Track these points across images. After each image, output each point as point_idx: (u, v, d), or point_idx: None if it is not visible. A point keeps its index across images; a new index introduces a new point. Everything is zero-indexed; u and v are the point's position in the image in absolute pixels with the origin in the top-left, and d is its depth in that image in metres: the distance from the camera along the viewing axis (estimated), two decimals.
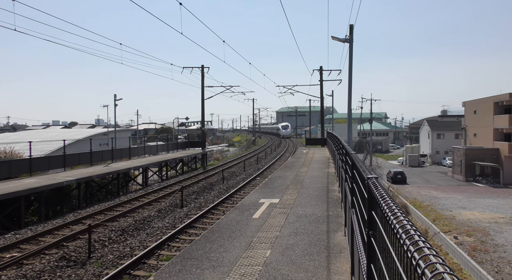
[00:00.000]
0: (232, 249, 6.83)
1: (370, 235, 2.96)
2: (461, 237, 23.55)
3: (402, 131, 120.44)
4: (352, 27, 20.22)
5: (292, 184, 14.10)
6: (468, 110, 54.89)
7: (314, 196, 11.76)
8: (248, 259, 6.28)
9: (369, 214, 3.02)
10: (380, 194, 2.52)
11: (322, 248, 6.83)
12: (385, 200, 2.29)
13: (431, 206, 32.66)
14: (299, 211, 9.72)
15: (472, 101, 53.92)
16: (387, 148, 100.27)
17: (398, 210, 1.92)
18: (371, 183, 2.94)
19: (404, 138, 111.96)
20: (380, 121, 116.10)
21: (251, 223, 8.59)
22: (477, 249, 21.43)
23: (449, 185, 44.48)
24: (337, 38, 20.60)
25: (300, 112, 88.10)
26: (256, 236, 7.56)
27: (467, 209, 31.05)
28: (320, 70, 42.32)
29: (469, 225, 26.18)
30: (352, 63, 20.28)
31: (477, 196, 37.08)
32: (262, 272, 5.73)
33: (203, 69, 39.85)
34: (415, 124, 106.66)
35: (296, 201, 11.01)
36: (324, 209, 9.87)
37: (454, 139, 65.90)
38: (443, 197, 36.84)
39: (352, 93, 20.98)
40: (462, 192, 39.14)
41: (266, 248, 6.82)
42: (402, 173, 47.73)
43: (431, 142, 70.58)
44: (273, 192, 12.58)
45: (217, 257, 6.40)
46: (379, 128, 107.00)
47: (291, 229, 8.02)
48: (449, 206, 32.25)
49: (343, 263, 6.08)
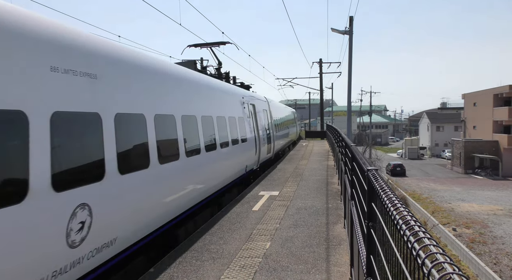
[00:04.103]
0: (232, 241, 6.86)
1: (370, 227, 2.98)
2: (460, 229, 23.69)
3: (401, 123, 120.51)
4: (352, 19, 20.09)
5: (291, 177, 14.13)
6: (467, 102, 54.84)
7: (313, 188, 11.79)
8: (248, 251, 6.31)
9: (369, 206, 3.03)
10: (380, 186, 2.53)
11: (321, 240, 6.87)
12: (385, 192, 2.30)
13: (430, 198, 32.80)
14: (298, 203, 9.75)
15: (471, 93, 53.86)
16: (387, 140, 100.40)
17: (398, 201, 1.92)
18: (371, 175, 2.94)
19: (404, 130, 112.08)
20: (379, 113, 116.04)
21: (251, 215, 8.62)
22: (475, 241, 21.57)
23: (448, 178, 44.64)
24: (336, 30, 20.48)
25: (300, 105, 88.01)
26: (256, 228, 7.59)
27: (466, 201, 31.20)
28: (319, 62, 42.18)
29: (467, 217, 26.32)
30: (352, 55, 20.19)
31: (476, 188, 37.23)
32: (262, 264, 5.76)
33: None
34: (414, 116, 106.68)
35: (296, 193, 11.04)
36: (323, 202, 9.90)
37: (453, 132, 65.98)
38: (442, 189, 36.99)
39: (351, 85, 20.91)
40: (461, 185, 39.29)
41: (266, 240, 6.85)
42: (402, 166, 47.87)
43: (431, 135, 70.65)
44: (273, 184, 12.61)
45: (217, 249, 6.43)
46: (379, 121, 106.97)
47: (290, 221, 8.05)
48: (448, 199, 32.39)
49: (342, 255, 6.12)
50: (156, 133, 6.39)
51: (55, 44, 4.30)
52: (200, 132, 8.67)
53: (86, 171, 4.59)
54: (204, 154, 8.75)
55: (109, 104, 5.18)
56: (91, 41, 5.17)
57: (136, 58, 6.34)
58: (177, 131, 7.36)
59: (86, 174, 4.58)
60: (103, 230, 4.81)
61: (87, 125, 4.70)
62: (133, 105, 5.84)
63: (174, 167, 7.03)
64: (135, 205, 5.65)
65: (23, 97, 3.73)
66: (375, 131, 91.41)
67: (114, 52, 5.67)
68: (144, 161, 5.96)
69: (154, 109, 6.47)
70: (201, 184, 8.52)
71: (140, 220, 5.83)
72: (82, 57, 4.75)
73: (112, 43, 5.90)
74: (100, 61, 5.15)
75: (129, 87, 5.83)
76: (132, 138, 5.77)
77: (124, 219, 5.36)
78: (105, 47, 5.46)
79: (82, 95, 4.62)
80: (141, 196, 5.81)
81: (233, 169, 11.42)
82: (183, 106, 7.88)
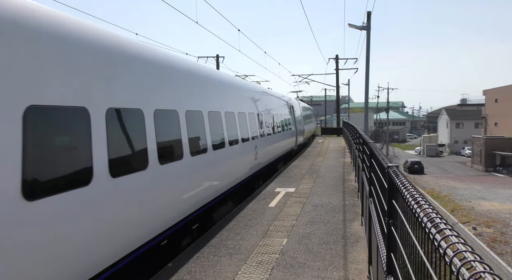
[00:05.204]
0: (248, 237, 6.88)
1: (390, 224, 2.93)
2: (480, 228, 23.17)
3: (419, 120, 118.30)
4: (369, 14, 19.78)
5: (307, 174, 14.07)
6: (489, 98, 53.45)
7: (330, 185, 11.71)
8: (265, 247, 6.32)
9: (389, 203, 2.99)
10: (401, 182, 2.48)
11: (338, 237, 6.82)
12: (407, 189, 2.26)
13: (449, 196, 32.17)
14: (315, 200, 9.70)
15: (493, 89, 52.46)
16: (404, 137, 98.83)
17: (421, 198, 1.89)
18: (392, 172, 2.90)
19: (422, 127, 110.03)
20: (397, 110, 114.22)
21: (267, 211, 8.63)
22: (496, 240, 21.06)
23: (468, 175, 43.66)
24: (354, 25, 20.20)
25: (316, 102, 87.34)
26: (272, 225, 7.59)
27: (486, 200, 30.47)
28: (336, 58, 41.75)
29: (488, 216, 25.71)
30: (369, 51, 19.89)
31: (497, 186, 36.31)
32: (279, 260, 5.76)
33: (218, 59, 39.77)
34: (433, 113, 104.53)
35: (312, 190, 10.99)
36: (340, 199, 9.83)
37: (473, 129, 64.49)
38: (462, 187, 36.22)
39: (369, 82, 20.62)
40: (481, 183, 38.39)
41: (282, 237, 6.85)
42: (419, 163, 47.05)
43: (450, 132, 69.23)
44: (289, 181, 12.58)
45: (234, 245, 6.46)
46: (396, 118, 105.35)
47: (307, 218, 8.02)
48: (468, 197, 31.70)
49: (360, 252, 6.06)
50: (277, 121, 16.20)
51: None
52: (278, 122, 16.95)
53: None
54: (281, 133, 17.57)
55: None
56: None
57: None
58: (275, 122, 16.25)
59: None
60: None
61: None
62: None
63: (270, 139, 14.82)
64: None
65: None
66: (392, 128, 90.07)
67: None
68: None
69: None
70: (278, 151, 16.63)
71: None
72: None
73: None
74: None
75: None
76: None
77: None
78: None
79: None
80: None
81: (286, 145, 19.30)
82: (275, 109, 16.83)
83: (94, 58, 4.66)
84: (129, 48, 5.60)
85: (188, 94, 7.42)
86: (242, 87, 11.95)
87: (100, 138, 4.56)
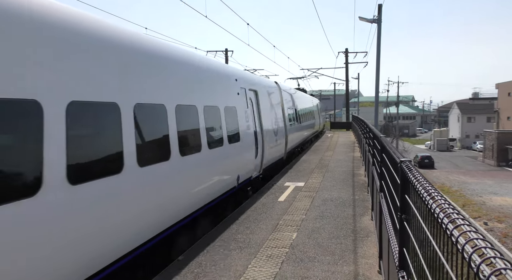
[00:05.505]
0: (258, 231, 6.90)
1: (403, 219, 2.91)
2: (492, 223, 22.91)
3: (430, 114, 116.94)
4: (380, 7, 19.51)
5: (317, 168, 14.03)
6: (501, 92, 52.57)
7: (339, 179, 11.67)
8: (275, 241, 6.34)
9: (402, 198, 2.96)
10: (415, 176, 2.46)
11: (348, 231, 6.80)
12: (421, 183, 2.23)
13: (460, 191, 31.84)
14: (324, 194, 9.68)
15: (506, 82, 51.55)
16: (414, 132, 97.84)
17: (437, 194, 1.86)
18: (405, 167, 2.86)
19: (432, 121, 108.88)
20: (407, 104, 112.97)
21: (276, 206, 8.64)
22: (508, 235, 20.82)
23: (479, 170, 43.14)
24: (364, 18, 19.97)
25: (325, 96, 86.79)
26: (282, 219, 7.60)
27: (498, 195, 30.10)
28: (345, 52, 41.39)
29: (500, 211, 25.41)
30: (380, 45, 19.66)
31: (509, 181, 35.81)
32: (289, 254, 5.77)
33: (227, 53, 39.69)
34: (444, 107, 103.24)
35: (322, 184, 10.96)
36: (350, 193, 9.79)
37: (485, 123, 63.55)
38: (473, 182, 35.81)
39: (379, 76, 20.42)
40: (493, 177, 37.90)
41: (292, 231, 6.85)
42: (430, 158, 46.60)
43: (461, 126, 68.36)
44: (298, 175, 12.57)
45: (244, 239, 6.49)
46: (406, 112, 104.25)
47: (317, 213, 8.01)
48: (479, 192, 31.34)
49: (370, 247, 6.04)
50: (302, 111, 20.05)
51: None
52: (301, 114, 20.72)
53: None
54: (306, 122, 21.86)
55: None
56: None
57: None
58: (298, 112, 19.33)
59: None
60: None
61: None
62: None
63: (294, 127, 17.32)
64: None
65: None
66: (402, 122, 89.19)
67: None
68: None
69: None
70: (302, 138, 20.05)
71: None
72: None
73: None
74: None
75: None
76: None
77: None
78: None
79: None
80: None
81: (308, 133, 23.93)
82: (299, 105, 20.44)
83: (126, 63, 5.16)
84: (156, 51, 6.10)
85: (206, 91, 7.73)
86: (256, 83, 12.39)
87: (129, 131, 4.99)
